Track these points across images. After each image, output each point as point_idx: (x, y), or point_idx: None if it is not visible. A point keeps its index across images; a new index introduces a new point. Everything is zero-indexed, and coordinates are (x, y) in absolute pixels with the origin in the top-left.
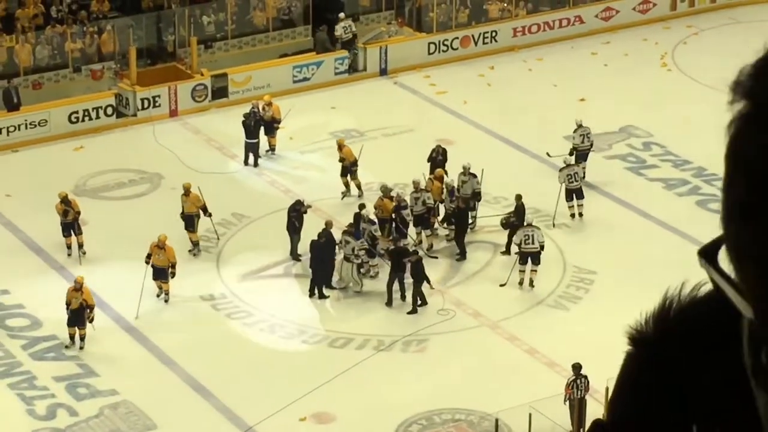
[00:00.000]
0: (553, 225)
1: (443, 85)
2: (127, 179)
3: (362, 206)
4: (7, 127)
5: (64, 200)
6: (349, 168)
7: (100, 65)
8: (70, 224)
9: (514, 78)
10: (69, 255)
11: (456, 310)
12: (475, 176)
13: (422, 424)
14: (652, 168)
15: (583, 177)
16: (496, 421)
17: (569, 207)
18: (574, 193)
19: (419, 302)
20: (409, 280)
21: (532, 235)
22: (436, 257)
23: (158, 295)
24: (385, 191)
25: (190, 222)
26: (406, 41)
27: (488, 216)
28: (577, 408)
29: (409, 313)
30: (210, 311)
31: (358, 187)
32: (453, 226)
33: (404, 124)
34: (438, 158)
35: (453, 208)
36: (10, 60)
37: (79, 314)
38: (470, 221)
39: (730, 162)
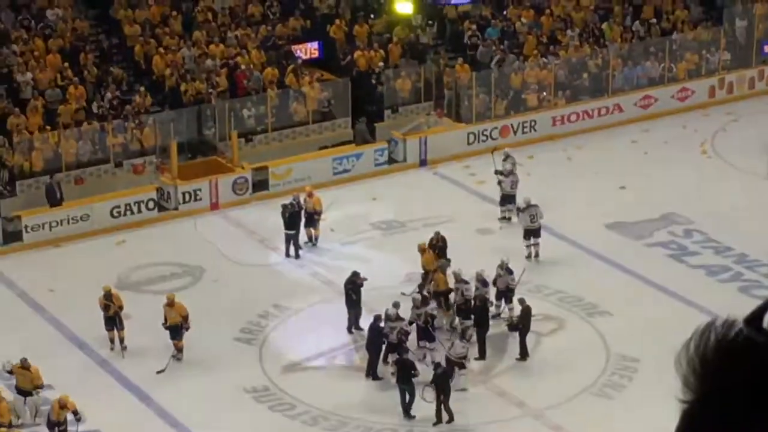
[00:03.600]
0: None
1: (483, 175)
2: (169, 272)
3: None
4: (50, 222)
5: (107, 294)
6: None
7: (141, 159)
8: (112, 318)
9: (554, 167)
10: (112, 349)
11: (500, 399)
12: (511, 272)
13: None
14: (693, 255)
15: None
16: None
17: (526, 246)
18: (532, 234)
19: (446, 418)
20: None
21: (536, 214)
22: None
23: (173, 356)
24: (442, 266)
25: (175, 332)
26: (446, 131)
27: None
28: None
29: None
30: (253, 404)
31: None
32: (469, 321)
33: (444, 214)
34: (438, 245)
35: (465, 302)
36: (54, 156)
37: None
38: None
39: None
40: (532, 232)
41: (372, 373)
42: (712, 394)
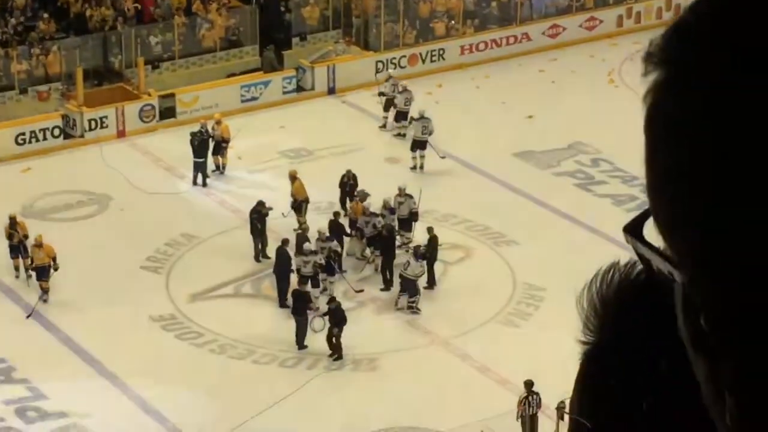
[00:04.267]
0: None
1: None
2: (75, 201)
3: (285, 241)
4: None
5: (12, 222)
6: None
7: (46, 86)
8: (17, 246)
9: (462, 96)
10: (17, 277)
11: (408, 328)
12: (411, 197)
13: None
14: (600, 184)
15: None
16: None
17: (412, 158)
18: (419, 146)
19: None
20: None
21: (427, 126)
22: (362, 290)
23: (40, 297)
24: (362, 196)
25: (42, 272)
26: (354, 60)
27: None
28: (530, 424)
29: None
30: (160, 332)
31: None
32: (378, 252)
33: (353, 142)
34: (349, 183)
35: (377, 233)
36: None
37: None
38: (407, 241)
39: (653, 131)
40: (419, 144)
41: (282, 301)
42: (612, 337)
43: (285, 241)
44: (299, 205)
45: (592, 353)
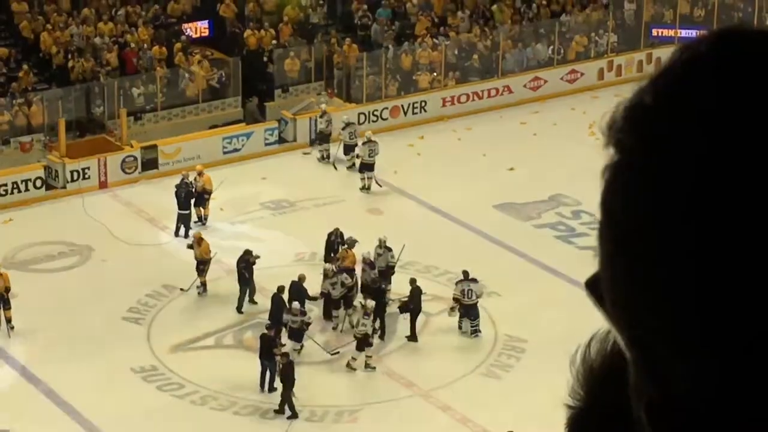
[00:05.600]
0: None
1: (375, 154)
2: (57, 252)
3: (302, 276)
4: None
5: None
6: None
7: (29, 137)
8: None
9: (444, 147)
10: None
11: (389, 380)
12: (390, 250)
13: None
14: (581, 236)
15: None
16: None
17: (360, 179)
18: (366, 168)
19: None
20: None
21: (374, 149)
22: (338, 353)
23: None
24: (351, 243)
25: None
26: (336, 111)
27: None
28: None
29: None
30: (141, 383)
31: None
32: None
33: (335, 194)
34: (336, 241)
35: (370, 281)
36: None
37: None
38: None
39: (602, 211)
40: (367, 166)
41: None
42: (593, 404)
43: (281, 289)
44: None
45: (575, 419)
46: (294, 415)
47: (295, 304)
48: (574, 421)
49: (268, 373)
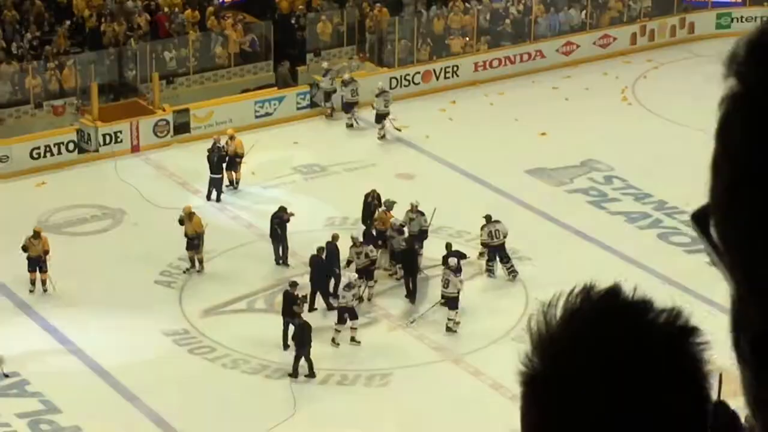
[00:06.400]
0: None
1: (405, 119)
2: (90, 215)
3: (335, 236)
4: None
5: (35, 235)
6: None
7: (61, 101)
8: (35, 260)
9: (476, 112)
10: (31, 291)
11: (420, 344)
12: (423, 214)
13: None
14: (613, 201)
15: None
16: None
17: (378, 129)
18: (382, 117)
19: (308, 372)
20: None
21: (389, 99)
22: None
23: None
24: (389, 205)
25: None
26: (368, 76)
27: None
28: None
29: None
30: (173, 347)
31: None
32: (400, 266)
33: (366, 158)
34: (373, 203)
35: (401, 248)
36: None
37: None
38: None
39: (718, 142)
40: (382, 116)
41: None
42: (554, 373)
43: (320, 250)
44: (195, 240)
45: (534, 385)
46: (312, 375)
47: (359, 241)
48: (533, 388)
49: (290, 331)
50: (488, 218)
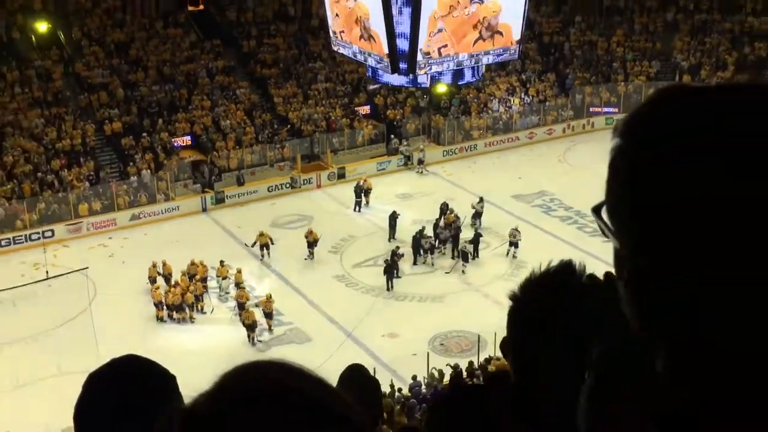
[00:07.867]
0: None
1: (450, 170)
2: (296, 218)
3: (423, 228)
4: (237, 194)
5: (263, 234)
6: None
7: (282, 163)
8: (263, 246)
9: (485, 167)
10: (261, 258)
11: (458, 281)
12: (459, 218)
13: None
14: (554, 210)
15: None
16: (478, 337)
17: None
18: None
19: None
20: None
21: (517, 232)
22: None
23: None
24: (444, 208)
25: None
26: (432, 150)
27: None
28: None
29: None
30: (338, 284)
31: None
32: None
33: (429, 190)
34: (447, 209)
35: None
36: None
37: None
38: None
39: (608, 175)
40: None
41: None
42: (525, 304)
43: (419, 231)
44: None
45: (510, 315)
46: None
47: (441, 226)
48: (510, 316)
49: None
50: (513, 231)
